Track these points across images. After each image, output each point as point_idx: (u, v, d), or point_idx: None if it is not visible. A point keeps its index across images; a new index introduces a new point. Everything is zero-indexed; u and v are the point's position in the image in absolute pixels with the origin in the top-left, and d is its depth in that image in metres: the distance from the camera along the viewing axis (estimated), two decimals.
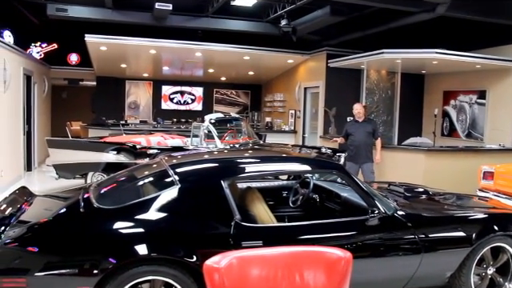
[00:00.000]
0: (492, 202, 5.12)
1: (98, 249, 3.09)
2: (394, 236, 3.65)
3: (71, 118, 15.03)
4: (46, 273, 2.96)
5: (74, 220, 3.37)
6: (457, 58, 8.79)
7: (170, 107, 14.89)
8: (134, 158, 7.44)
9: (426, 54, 8.81)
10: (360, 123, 7.52)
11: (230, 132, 8.25)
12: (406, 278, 3.68)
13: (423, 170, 7.86)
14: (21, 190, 4.18)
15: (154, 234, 3.17)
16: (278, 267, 2.37)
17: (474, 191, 6.37)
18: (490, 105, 9.70)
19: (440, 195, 4.79)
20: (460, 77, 10.56)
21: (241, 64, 12.57)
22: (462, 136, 10.49)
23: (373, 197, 3.70)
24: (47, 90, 12.82)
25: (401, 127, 11.27)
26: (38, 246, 3.07)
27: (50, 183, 8.43)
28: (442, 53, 8.67)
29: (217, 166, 3.84)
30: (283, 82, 13.56)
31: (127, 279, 3.00)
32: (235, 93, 15.58)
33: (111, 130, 11.22)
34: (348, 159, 7.36)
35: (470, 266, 3.85)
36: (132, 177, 3.99)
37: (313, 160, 4.20)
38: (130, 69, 13.54)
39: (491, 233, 3.89)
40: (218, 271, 2.24)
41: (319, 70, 11.21)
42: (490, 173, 6.46)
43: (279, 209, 4.59)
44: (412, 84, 11.48)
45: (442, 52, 8.67)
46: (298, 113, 12.37)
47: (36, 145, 11.19)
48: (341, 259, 2.44)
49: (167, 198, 3.31)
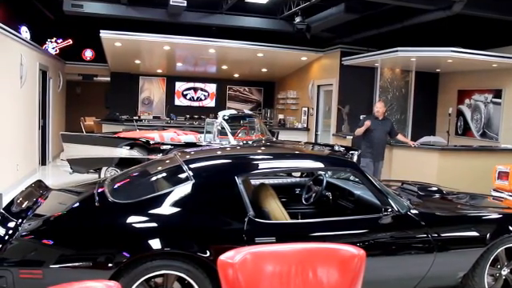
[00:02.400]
0: (507, 203, 5.07)
1: (112, 243, 3.13)
2: (406, 235, 3.63)
3: (85, 114, 15.17)
4: (60, 265, 3.00)
5: (89, 214, 3.41)
6: (472, 56, 8.70)
7: (183, 103, 14.94)
8: (148, 153, 7.50)
9: (442, 53, 8.74)
10: (380, 121, 7.50)
11: (243, 129, 8.26)
12: (418, 277, 3.67)
13: (437, 169, 7.80)
14: (37, 183, 4.23)
15: (168, 228, 3.20)
16: (292, 263, 2.37)
17: (489, 191, 6.31)
18: (506, 104, 9.60)
19: (454, 194, 4.75)
20: (475, 76, 10.45)
21: (254, 61, 12.57)
22: (477, 135, 10.39)
23: (386, 195, 3.69)
24: (62, 85, 12.95)
25: (414, 126, 11.20)
26: (52, 238, 3.12)
27: (64, 177, 8.53)
28: (458, 51, 8.59)
29: (231, 162, 3.86)
30: (296, 79, 13.53)
31: (141, 273, 3.03)
32: (248, 90, 15.58)
33: (125, 125, 11.30)
34: (364, 156, 7.35)
35: (483, 267, 3.82)
36: (146, 172, 4.02)
37: (326, 157, 4.19)
38: (143, 65, 13.61)
39: (506, 233, 3.85)
40: (232, 266, 2.25)
41: (333, 68, 11.17)
42: (505, 173, 6.39)
43: (292, 206, 4.59)
44: (426, 83, 11.40)
45: (457, 50, 8.59)
46: (311, 110, 12.34)
47: (51, 139, 11.32)
48: (354, 256, 2.44)
49: (181, 193, 3.33)
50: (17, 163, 8.26)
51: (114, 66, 13.40)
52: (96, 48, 12.98)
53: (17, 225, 3.16)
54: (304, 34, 9.97)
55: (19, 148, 8.49)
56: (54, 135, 11.36)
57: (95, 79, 15.58)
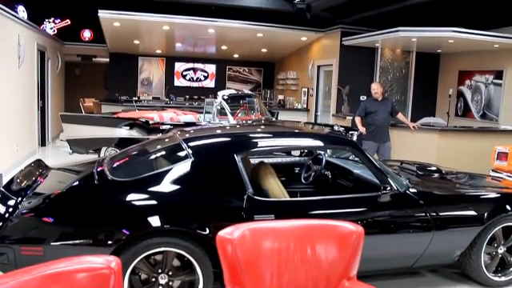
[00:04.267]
0: (505, 183, 5.09)
1: (111, 220, 3.15)
2: (405, 213, 3.65)
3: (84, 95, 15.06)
4: (61, 242, 3.03)
5: (89, 192, 3.42)
6: (474, 36, 8.62)
7: (183, 84, 14.87)
8: (147, 133, 7.49)
9: (443, 33, 8.65)
10: (380, 102, 7.46)
11: (242, 108, 8.24)
12: (416, 255, 3.70)
13: (436, 150, 7.80)
14: (36, 162, 4.24)
15: (167, 206, 3.22)
16: (291, 239, 2.39)
17: (488, 172, 6.32)
18: (507, 85, 9.54)
19: (452, 174, 4.77)
20: (476, 56, 10.38)
21: (254, 41, 12.47)
22: (477, 117, 10.36)
23: (385, 174, 3.70)
24: (60, 66, 12.87)
25: (414, 107, 11.16)
26: (53, 216, 3.14)
27: (63, 158, 8.53)
28: (459, 31, 8.51)
29: (230, 140, 3.86)
30: (296, 59, 13.45)
31: (140, 250, 3.05)
32: (248, 70, 15.50)
33: (124, 106, 11.28)
34: (367, 138, 7.33)
35: (480, 245, 3.86)
36: (145, 150, 4.02)
37: (326, 136, 4.19)
38: (142, 45, 13.51)
39: (503, 212, 3.88)
40: (231, 242, 2.27)
41: (333, 48, 11.09)
42: (504, 153, 6.39)
43: (291, 185, 4.60)
44: (427, 63, 11.32)
45: (458, 31, 8.51)
46: (310, 91, 12.30)
47: (50, 120, 11.30)
48: (353, 233, 2.45)
49: (180, 171, 3.34)
50: (16, 144, 8.26)
51: (113, 46, 13.30)
52: (94, 28, 12.86)
53: (17, 203, 3.18)
54: (304, 13, 9.87)
55: (18, 129, 8.48)
56: (54, 116, 11.34)
57: (94, 60, 15.46)
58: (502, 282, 4.01)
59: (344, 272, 2.45)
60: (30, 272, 1.88)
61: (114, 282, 1.93)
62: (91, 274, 1.93)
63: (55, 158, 9.43)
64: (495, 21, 9.30)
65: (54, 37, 12.24)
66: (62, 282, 1.89)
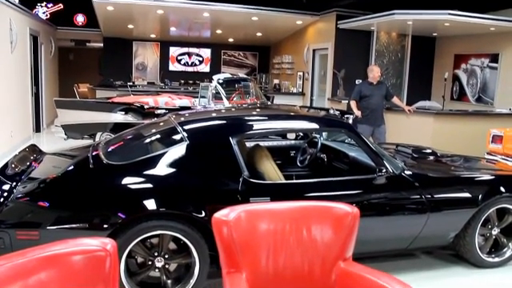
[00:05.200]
0: (499, 165, 5.11)
1: (107, 204, 3.15)
2: (400, 195, 3.66)
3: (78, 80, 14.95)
4: (57, 226, 3.02)
5: (84, 176, 3.41)
6: (470, 19, 8.58)
7: (178, 69, 14.79)
8: (142, 118, 7.45)
9: (439, 16, 8.61)
10: (375, 86, 7.46)
11: (237, 93, 8.21)
12: (411, 237, 3.72)
13: (431, 133, 7.82)
14: (30, 147, 4.22)
15: (163, 189, 3.21)
16: (286, 221, 2.39)
17: (483, 155, 6.35)
18: (503, 68, 9.53)
19: (448, 157, 4.78)
20: (472, 40, 10.35)
21: (249, 25, 12.38)
22: (472, 100, 10.37)
23: (381, 156, 3.70)
24: (54, 51, 12.76)
25: (410, 91, 11.15)
26: (48, 200, 3.13)
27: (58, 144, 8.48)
28: (455, 14, 8.47)
29: (225, 122, 3.84)
30: (292, 43, 13.38)
31: (136, 233, 3.05)
32: (243, 54, 15.42)
33: (119, 91, 11.22)
34: (362, 122, 7.33)
35: (475, 227, 3.88)
36: (140, 134, 4.01)
37: (321, 118, 4.19)
38: (137, 30, 13.39)
39: (497, 194, 3.90)
40: (227, 224, 2.27)
41: (328, 32, 11.02)
42: (499, 136, 6.41)
43: (287, 168, 4.61)
44: (422, 47, 11.29)
45: (454, 13, 8.46)
46: (306, 75, 12.26)
47: (44, 106, 11.23)
48: (348, 214, 2.46)
49: (176, 154, 3.33)
50: (11, 130, 8.21)
51: (107, 31, 13.18)
52: (88, 13, 12.72)
53: (11, 187, 3.16)
54: None
55: (12, 115, 8.43)
56: (48, 102, 11.27)
57: (88, 45, 15.32)
58: (496, 263, 4.05)
59: (339, 253, 2.46)
60: (26, 255, 1.88)
61: (109, 264, 1.94)
62: (87, 256, 1.94)
63: (50, 143, 9.38)
64: (491, 3, 9.26)
65: (46, 21, 12.10)
66: (58, 265, 1.89)
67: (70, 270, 1.90)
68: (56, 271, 1.87)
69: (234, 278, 2.23)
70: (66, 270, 1.89)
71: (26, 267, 1.83)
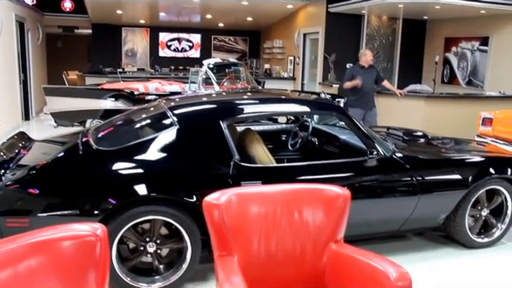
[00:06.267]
0: (489, 147, 5.15)
1: (97, 190, 3.12)
2: (391, 177, 3.67)
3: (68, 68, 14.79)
4: (47, 213, 3.00)
5: (74, 162, 3.38)
6: (460, 2, 8.56)
7: (168, 55, 14.69)
8: (133, 104, 7.40)
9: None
10: (366, 69, 7.44)
11: (228, 78, 8.16)
12: (402, 219, 3.74)
13: (422, 116, 7.84)
14: (19, 135, 4.17)
15: (153, 174, 3.19)
16: (277, 204, 2.39)
17: (473, 137, 6.38)
18: (493, 51, 9.56)
19: (438, 139, 4.80)
20: (463, 23, 10.35)
21: (239, 9, 12.28)
22: (463, 83, 10.40)
23: (372, 138, 3.70)
24: (41, 38, 12.58)
25: (401, 74, 11.15)
26: (38, 187, 3.10)
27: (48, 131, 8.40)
28: None
29: (215, 106, 3.81)
30: (282, 28, 13.30)
31: (127, 219, 3.04)
32: (233, 39, 15.32)
33: (108, 77, 11.10)
34: (353, 105, 7.32)
35: (465, 208, 3.91)
36: (130, 119, 3.97)
37: (312, 101, 4.17)
38: (126, 15, 13.24)
39: (487, 176, 3.93)
40: (218, 207, 2.26)
41: (319, 16, 10.96)
42: (488, 119, 6.45)
43: (279, 152, 4.60)
44: (413, 30, 11.27)
45: None
46: (297, 59, 12.22)
47: (33, 94, 11.10)
48: (339, 196, 2.46)
49: (166, 139, 3.31)
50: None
51: (95, 17, 13.02)
52: None
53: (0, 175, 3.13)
54: None
55: (0, 103, 8.32)
56: (37, 90, 11.14)
57: (76, 31, 15.14)
58: (485, 243, 4.10)
59: (331, 235, 2.47)
60: (15, 241, 1.86)
61: (100, 249, 1.92)
62: (77, 241, 1.92)
63: (40, 131, 9.30)
64: None
65: (33, 7, 11.90)
66: (48, 250, 1.88)
67: (60, 255, 1.89)
68: (46, 257, 1.86)
69: (225, 262, 2.23)
70: (56, 256, 1.88)
71: (15, 253, 1.81)
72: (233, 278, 2.07)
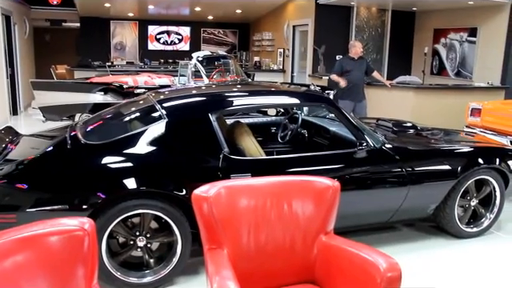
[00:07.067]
0: (478, 138, 5.18)
1: (86, 184, 3.09)
2: (381, 169, 3.68)
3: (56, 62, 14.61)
4: (35, 209, 2.96)
5: (62, 156, 3.34)
6: None
7: (157, 48, 14.58)
8: (122, 98, 7.35)
9: None
10: (356, 61, 7.44)
11: (217, 70, 8.12)
12: (392, 210, 3.76)
13: (412, 107, 7.88)
14: (6, 129, 4.13)
15: (143, 167, 3.17)
16: (267, 196, 2.38)
17: (462, 128, 6.42)
18: (481, 42, 9.59)
19: (428, 130, 4.82)
20: (451, 14, 10.37)
21: (228, 2, 12.21)
22: (452, 75, 10.44)
23: (361, 130, 3.70)
24: (29, 31, 12.42)
25: (390, 66, 11.16)
26: (26, 182, 3.06)
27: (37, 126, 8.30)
28: None
29: (204, 99, 3.79)
30: (272, 20, 13.26)
31: (117, 213, 3.02)
32: (223, 32, 15.24)
33: (97, 71, 11.02)
34: (343, 97, 7.33)
35: (454, 198, 3.94)
36: (119, 113, 3.93)
37: (301, 93, 4.16)
38: (114, 8, 13.09)
39: (476, 166, 3.95)
40: (207, 200, 2.25)
41: (308, 8, 10.93)
42: (477, 110, 6.48)
43: (268, 144, 4.60)
44: (402, 22, 11.27)
45: None
46: (286, 52, 12.19)
47: (21, 88, 10.98)
48: (329, 188, 2.46)
49: (155, 132, 3.28)
50: None
51: (83, 10, 12.87)
52: None
53: None
54: None
55: None
56: (24, 84, 11.01)
57: (64, 25, 14.98)
58: (474, 233, 4.14)
59: (321, 227, 2.47)
60: (1, 236, 1.83)
61: (88, 244, 1.91)
62: (64, 236, 1.90)
63: (28, 126, 9.19)
64: None
65: (19, 0, 11.74)
66: (35, 246, 1.85)
67: (47, 250, 1.87)
68: (33, 252, 1.84)
69: (215, 255, 2.22)
70: (43, 251, 1.86)
71: (1, 249, 1.79)
72: (223, 271, 2.06)
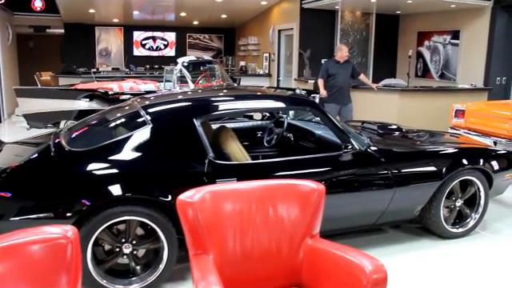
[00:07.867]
0: (462, 139, 5.23)
1: (70, 191, 3.06)
2: (367, 171, 3.70)
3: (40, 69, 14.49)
4: (19, 218, 2.93)
5: (46, 164, 3.30)
6: None
7: (143, 53, 14.55)
8: (108, 104, 7.29)
9: None
10: (341, 64, 7.48)
11: (203, 75, 8.11)
12: (378, 212, 3.77)
13: (397, 110, 7.94)
14: None
15: (128, 174, 3.15)
16: (252, 200, 2.38)
17: (446, 129, 6.48)
18: (464, 45, 9.72)
19: (413, 132, 4.85)
20: (434, 17, 10.49)
21: (213, 7, 12.21)
22: (436, 77, 10.56)
23: (346, 133, 3.72)
24: (12, 38, 12.29)
25: (375, 69, 11.26)
26: (10, 191, 3.03)
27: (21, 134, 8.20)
28: None
29: (189, 104, 3.78)
30: (257, 25, 13.30)
31: (102, 220, 2.99)
32: (208, 37, 15.25)
33: (82, 78, 10.93)
34: (329, 100, 7.36)
35: (439, 199, 3.97)
36: (103, 119, 3.91)
37: (286, 97, 4.17)
38: (99, 14, 13.03)
39: (460, 167, 3.99)
40: (192, 206, 2.24)
41: (293, 12, 10.98)
42: (461, 111, 6.56)
43: (255, 149, 4.60)
44: (387, 25, 11.38)
45: None
46: (272, 56, 12.22)
47: (4, 96, 10.85)
48: (314, 191, 2.46)
49: (140, 138, 3.26)
50: None
51: (67, 16, 12.79)
52: None
53: None
54: None
55: None
56: (8, 91, 10.89)
57: (48, 31, 14.84)
58: (460, 233, 4.17)
59: (307, 230, 2.47)
60: None
61: (71, 252, 1.89)
62: (47, 244, 1.88)
63: (12, 134, 9.09)
64: None
65: (1, 6, 11.61)
66: (16, 255, 1.83)
67: (29, 259, 1.84)
68: (15, 262, 1.81)
69: (201, 260, 2.21)
70: (25, 260, 1.83)
71: None
72: (208, 277, 2.05)
